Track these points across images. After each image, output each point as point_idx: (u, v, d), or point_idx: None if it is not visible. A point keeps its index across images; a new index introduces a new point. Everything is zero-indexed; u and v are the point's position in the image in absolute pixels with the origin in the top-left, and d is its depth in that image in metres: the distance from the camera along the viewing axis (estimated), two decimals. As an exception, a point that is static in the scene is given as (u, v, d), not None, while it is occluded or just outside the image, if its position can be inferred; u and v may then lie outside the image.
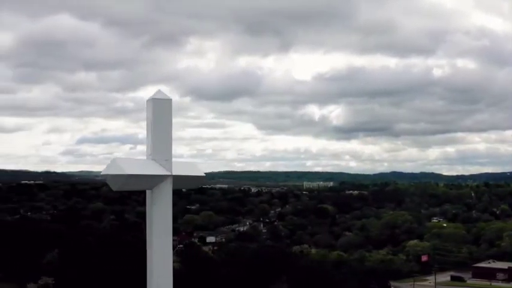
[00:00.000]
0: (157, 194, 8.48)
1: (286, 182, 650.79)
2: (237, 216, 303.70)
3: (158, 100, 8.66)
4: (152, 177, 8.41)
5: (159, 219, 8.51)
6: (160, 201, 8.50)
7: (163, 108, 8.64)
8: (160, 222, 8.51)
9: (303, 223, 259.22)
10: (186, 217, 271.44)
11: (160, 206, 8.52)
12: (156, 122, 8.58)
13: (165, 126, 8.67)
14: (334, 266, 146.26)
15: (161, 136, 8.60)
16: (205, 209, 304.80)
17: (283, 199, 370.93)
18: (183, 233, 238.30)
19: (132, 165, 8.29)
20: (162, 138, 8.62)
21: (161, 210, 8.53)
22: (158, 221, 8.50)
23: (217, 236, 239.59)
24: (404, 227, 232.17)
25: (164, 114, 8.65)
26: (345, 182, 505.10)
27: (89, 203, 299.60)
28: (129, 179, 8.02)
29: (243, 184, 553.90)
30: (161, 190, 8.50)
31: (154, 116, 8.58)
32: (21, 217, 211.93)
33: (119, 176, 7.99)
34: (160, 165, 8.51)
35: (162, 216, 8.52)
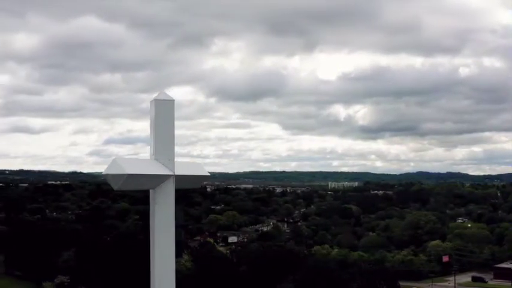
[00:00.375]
0: (160, 194, 8.62)
1: (312, 182, 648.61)
2: (261, 216, 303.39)
3: (161, 101, 8.79)
4: (154, 176, 8.56)
5: (162, 218, 8.66)
6: (163, 201, 8.63)
7: (166, 109, 8.76)
8: (163, 221, 8.64)
9: (326, 223, 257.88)
10: (210, 217, 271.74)
11: (163, 205, 8.65)
12: (159, 123, 8.68)
13: (167, 127, 8.77)
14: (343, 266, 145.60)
15: (164, 136, 8.70)
16: (230, 209, 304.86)
17: (307, 199, 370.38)
18: (206, 233, 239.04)
19: (132, 165, 8.41)
20: (165, 139, 8.72)
21: (164, 209, 8.66)
22: (161, 219, 8.65)
23: (239, 236, 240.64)
24: (428, 227, 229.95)
25: (167, 115, 8.74)
26: (370, 182, 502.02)
27: (113, 203, 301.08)
28: (130, 179, 8.12)
29: (268, 184, 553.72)
30: (164, 189, 8.62)
31: (157, 116, 8.69)
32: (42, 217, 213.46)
33: (119, 176, 8.12)
34: (163, 165, 8.62)
35: (164, 215, 8.65)
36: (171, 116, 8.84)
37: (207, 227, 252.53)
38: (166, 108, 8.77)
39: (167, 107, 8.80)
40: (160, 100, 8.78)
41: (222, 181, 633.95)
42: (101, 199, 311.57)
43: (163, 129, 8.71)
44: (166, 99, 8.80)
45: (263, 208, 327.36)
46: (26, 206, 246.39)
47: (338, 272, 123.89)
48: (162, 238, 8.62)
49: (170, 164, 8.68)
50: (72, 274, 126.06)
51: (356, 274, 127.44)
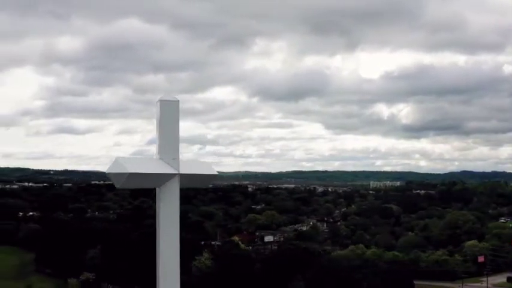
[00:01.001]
0: (164, 192, 8.84)
1: (354, 181, 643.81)
2: (301, 216, 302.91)
3: (166, 101, 8.95)
4: (157, 175, 8.75)
5: (167, 216, 8.89)
6: (167, 199, 8.86)
7: (170, 109, 8.93)
8: (168, 219, 8.88)
9: (365, 223, 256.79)
10: (249, 217, 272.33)
11: (168, 203, 8.87)
12: (164, 123, 8.86)
13: (172, 127, 8.95)
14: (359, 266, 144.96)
15: (169, 136, 8.87)
16: (270, 208, 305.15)
17: (348, 199, 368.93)
18: (244, 232, 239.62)
19: (134, 164, 8.59)
20: (170, 138, 8.90)
21: (169, 207, 8.90)
22: (165, 217, 8.88)
23: (276, 236, 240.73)
24: (466, 227, 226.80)
25: (172, 115, 8.92)
26: (412, 182, 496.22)
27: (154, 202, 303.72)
28: (131, 177, 8.33)
29: (310, 184, 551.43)
30: (169, 188, 8.84)
31: (162, 116, 8.87)
32: (76, 216, 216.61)
33: (120, 174, 8.33)
34: (167, 164, 8.81)
35: (169, 213, 8.88)
36: (175, 117, 9.00)
37: (245, 226, 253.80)
38: (171, 109, 8.92)
39: (172, 107, 8.95)
40: (165, 101, 8.92)
41: (264, 181, 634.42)
42: (143, 199, 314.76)
43: (168, 129, 8.87)
44: (171, 99, 8.95)
45: (303, 208, 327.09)
46: (68, 205, 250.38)
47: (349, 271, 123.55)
48: (166, 235, 8.86)
49: (175, 163, 8.84)
50: (98, 271, 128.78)
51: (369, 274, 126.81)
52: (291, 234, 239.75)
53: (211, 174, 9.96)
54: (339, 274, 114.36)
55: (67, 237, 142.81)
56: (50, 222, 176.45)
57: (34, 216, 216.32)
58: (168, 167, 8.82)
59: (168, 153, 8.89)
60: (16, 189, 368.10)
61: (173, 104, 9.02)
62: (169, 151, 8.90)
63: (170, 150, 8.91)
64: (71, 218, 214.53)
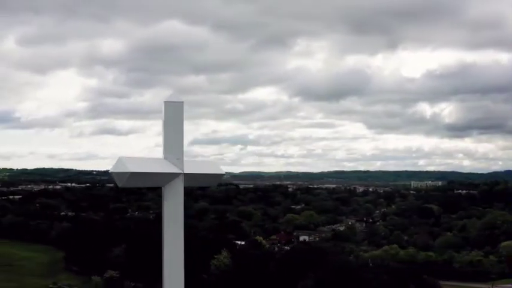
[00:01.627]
0: (169, 191, 9.07)
1: (396, 181, 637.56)
2: (340, 216, 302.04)
3: (170, 103, 9.19)
4: (161, 174, 8.98)
5: (171, 215, 9.12)
6: (172, 198, 9.09)
7: (175, 110, 9.15)
8: (172, 217, 9.11)
9: (404, 223, 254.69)
10: (287, 217, 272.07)
11: (172, 202, 9.11)
12: (169, 124, 9.10)
13: (177, 128, 9.17)
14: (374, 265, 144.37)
15: (173, 136, 9.10)
16: (309, 208, 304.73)
17: (388, 199, 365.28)
18: (281, 232, 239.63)
19: (136, 163, 8.75)
20: (174, 139, 9.13)
21: (173, 205, 9.14)
22: (170, 216, 9.11)
23: (311, 236, 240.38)
24: (504, 227, 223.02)
25: (176, 116, 9.14)
26: (454, 181, 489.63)
27: (195, 202, 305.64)
28: (133, 177, 8.52)
29: (351, 184, 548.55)
30: (173, 187, 9.06)
31: (167, 117, 9.11)
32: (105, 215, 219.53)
33: (122, 174, 8.53)
34: (171, 163, 9.04)
35: (174, 212, 9.12)
36: (180, 117, 9.20)
37: (283, 227, 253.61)
38: (175, 110, 9.13)
39: (176, 108, 9.17)
40: (170, 102, 9.16)
41: (305, 181, 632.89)
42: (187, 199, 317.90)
43: (172, 129, 9.10)
44: (176, 101, 9.21)
45: (343, 208, 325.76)
46: (110, 205, 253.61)
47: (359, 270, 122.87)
48: (171, 232, 9.10)
49: (179, 162, 9.05)
50: (122, 269, 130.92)
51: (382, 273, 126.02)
52: (328, 234, 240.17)
53: (217, 174, 10.18)
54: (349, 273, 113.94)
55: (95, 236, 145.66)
56: (81, 222, 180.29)
57: (68, 215, 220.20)
58: (172, 167, 9.02)
59: (173, 153, 9.09)
60: (59, 190, 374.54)
61: (178, 106, 9.22)
62: (174, 151, 9.11)
63: (175, 150, 9.11)
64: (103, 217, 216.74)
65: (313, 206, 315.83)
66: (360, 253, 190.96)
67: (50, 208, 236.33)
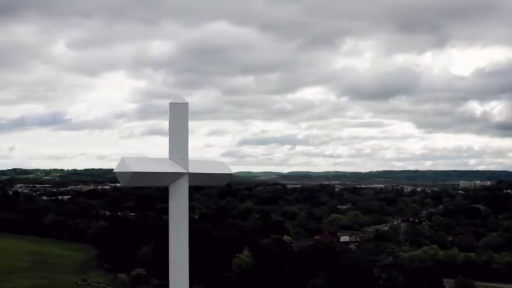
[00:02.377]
0: (174, 190, 9.34)
1: (446, 181, 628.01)
2: (386, 216, 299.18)
3: (175, 104, 9.48)
4: (165, 174, 9.24)
5: (176, 213, 9.39)
6: (177, 197, 9.35)
7: (180, 111, 9.43)
8: (177, 216, 9.37)
9: (449, 223, 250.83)
10: (331, 217, 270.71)
11: (177, 201, 9.37)
12: (174, 125, 9.37)
13: (181, 128, 9.42)
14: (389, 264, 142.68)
15: (178, 137, 9.35)
16: (355, 208, 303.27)
17: (436, 199, 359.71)
18: (325, 232, 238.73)
19: (139, 163, 8.99)
20: (179, 139, 9.38)
21: (178, 204, 9.39)
22: (175, 214, 9.39)
23: (352, 236, 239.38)
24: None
25: (181, 118, 9.40)
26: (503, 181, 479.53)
27: (241, 202, 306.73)
28: (135, 176, 8.77)
29: (400, 184, 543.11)
30: (178, 186, 9.33)
31: (172, 119, 9.40)
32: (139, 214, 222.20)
33: (125, 173, 8.80)
34: (176, 163, 9.32)
35: (179, 210, 9.37)
36: (184, 118, 9.45)
37: (327, 227, 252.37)
38: (180, 111, 9.39)
39: (181, 109, 9.44)
40: (175, 104, 9.43)
41: (353, 181, 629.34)
42: (229, 198, 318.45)
43: (177, 130, 9.34)
44: (181, 102, 9.49)
45: (389, 208, 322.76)
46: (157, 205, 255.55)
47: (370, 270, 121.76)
48: (176, 231, 9.35)
49: (184, 162, 9.31)
50: (149, 267, 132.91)
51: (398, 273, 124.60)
52: (371, 234, 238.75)
53: (224, 173, 10.44)
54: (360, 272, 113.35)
55: (126, 234, 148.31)
56: (115, 221, 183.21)
57: (105, 214, 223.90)
58: (177, 167, 9.27)
59: (178, 154, 9.33)
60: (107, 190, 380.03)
61: (182, 107, 9.49)
62: (179, 151, 9.35)
63: (180, 150, 9.35)
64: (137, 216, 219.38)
65: (359, 206, 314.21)
66: (400, 253, 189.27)
67: (91, 208, 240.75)
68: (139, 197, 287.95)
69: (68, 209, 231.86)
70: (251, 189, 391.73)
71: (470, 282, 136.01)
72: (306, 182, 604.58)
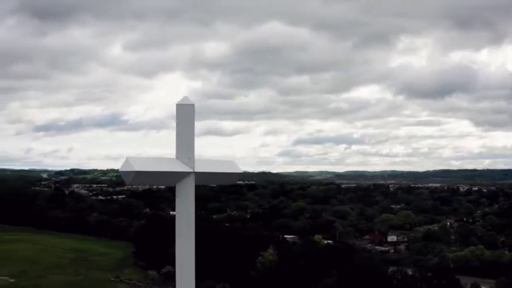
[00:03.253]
0: (180, 189, 9.51)
1: (504, 180, 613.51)
2: (439, 215, 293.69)
3: (182, 105, 9.69)
4: (170, 173, 9.43)
5: (183, 211, 9.54)
6: (183, 195, 9.50)
7: (186, 112, 9.61)
8: (184, 214, 9.54)
9: (503, 223, 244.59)
10: (381, 216, 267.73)
11: (183, 199, 9.51)
12: (180, 125, 9.54)
13: (188, 129, 9.59)
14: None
15: (184, 137, 9.53)
16: (408, 208, 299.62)
17: (491, 198, 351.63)
18: (375, 232, 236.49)
19: (143, 163, 9.15)
20: (185, 139, 9.54)
21: (184, 202, 9.53)
22: (181, 212, 9.54)
23: (400, 236, 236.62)
24: None
25: (187, 118, 9.57)
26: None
27: (293, 202, 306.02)
28: (138, 175, 8.96)
29: (457, 183, 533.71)
30: (184, 185, 9.49)
31: (178, 119, 9.59)
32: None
33: (129, 173, 9.02)
34: (182, 163, 9.53)
35: (185, 209, 9.52)
36: (191, 119, 9.62)
37: (378, 226, 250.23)
38: (187, 112, 9.56)
39: (187, 110, 9.62)
40: (181, 105, 9.63)
41: (410, 180, 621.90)
42: (282, 198, 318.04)
43: (184, 130, 9.51)
44: (187, 103, 9.70)
45: (443, 207, 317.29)
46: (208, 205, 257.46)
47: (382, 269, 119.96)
48: (182, 229, 9.54)
49: (190, 162, 9.51)
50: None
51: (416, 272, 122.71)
52: (420, 234, 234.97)
53: (232, 172, 10.59)
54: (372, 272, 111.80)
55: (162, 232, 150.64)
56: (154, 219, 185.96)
57: (147, 213, 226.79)
58: (183, 166, 9.42)
59: (184, 153, 9.51)
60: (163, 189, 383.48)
61: (189, 108, 9.69)
62: (185, 151, 9.51)
63: (186, 150, 9.52)
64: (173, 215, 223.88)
65: (413, 205, 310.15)
66: (446, 254, 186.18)
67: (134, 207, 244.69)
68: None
69: (113, 208, 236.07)
70: (304, 188, 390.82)
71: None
72: (361, 181, 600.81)
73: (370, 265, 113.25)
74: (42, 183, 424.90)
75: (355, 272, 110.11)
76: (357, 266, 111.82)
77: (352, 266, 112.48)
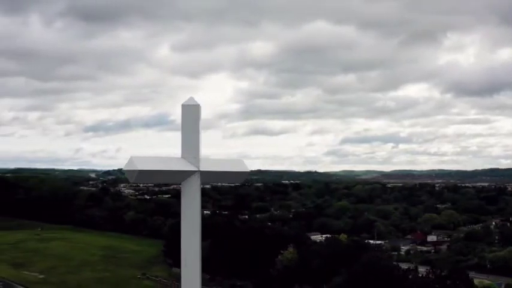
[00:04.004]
0: (186, 187, 9.67)
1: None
2: (485, 215, 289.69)
3: (187, 106, 9.89)
4: (174, 172, 9.63)
5: (188, 209, 9.68)
6: (188, 193, 9.66)
7: (192, 113, 9.78)
8: (189, 212, 9.67)
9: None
10: (424, 216, 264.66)
11: (189, 197, 9.66)
12: (186, 125, 9.75)
13: (193, 129, 9.76)
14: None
15: (190, 137, 9.69)
16: (453, 207, 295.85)
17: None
18: (418, 232, 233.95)
19: (146, 162, 9.27)
20: (191, 139, 9.71)
21: (190, 201, 9.68)
22: (187, 210, 9.69)
23: (440, 236, 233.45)
24: None
25: (192, 119, 9.73)
26: None
27: (338, 201, 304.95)
28: (142, 174, 9.10)
29: (506, 182, 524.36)
30: (189, 183, 9.64)
31: (184, 120, 9.81)
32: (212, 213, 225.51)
33: (132, 171, 9.16)
34: (187, 162, 9.72)
35: (190, 207, 9.65)
36: (196, 119, 9.78)
37: (421, 226, 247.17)
38: (192, 112, 9.74)
39: (193, 111, 9.81)
40: (187, 105, 9.83)
41: (458, 179, 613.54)
42: (327, 197, 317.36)
43: (189, 130, 9.67)
44: (193, 104, 9.91)
45: (488, 207, 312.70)
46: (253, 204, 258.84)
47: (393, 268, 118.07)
48: (188, 226, 9.68)
49: (195, 161, 9.71)
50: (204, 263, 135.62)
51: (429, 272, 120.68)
52: (462, 234, 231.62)
53: (239, 171, 10.69)
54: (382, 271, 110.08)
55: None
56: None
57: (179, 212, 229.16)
58: (188, 165, 9.58)
59: (190, 153, 9.69)
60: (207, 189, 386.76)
61: (194, 108, 9.89)
62: (191, 150, 9.68)
63: (191, 149, 9.69)
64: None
65: (458, 205, 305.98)
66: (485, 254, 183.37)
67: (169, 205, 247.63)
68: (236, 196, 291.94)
69: (149, 207, 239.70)
70: (349, 188, 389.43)
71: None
72: (408, 180, 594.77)
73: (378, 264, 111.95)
74: (90, 182, 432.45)
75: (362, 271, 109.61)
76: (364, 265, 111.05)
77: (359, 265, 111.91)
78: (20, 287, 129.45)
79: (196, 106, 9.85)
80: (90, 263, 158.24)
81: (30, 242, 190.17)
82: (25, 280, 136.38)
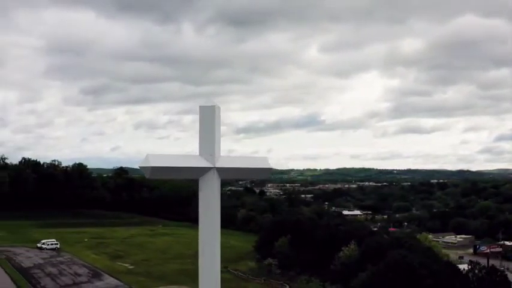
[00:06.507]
0: (203, 183, 10.05)
1: None
2: None
3: (204, 107, 10.29)
4: (189, 168, 10.04)
5: (205, 205, 10.05)
6: (205, 189, 10.03)
7: (209, 113, 10.15)
8: (207, 208, 10.06)
9: None
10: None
11: (206, 193, 10.03)
12: (203, 125, 10.11)
13: (210, 128, 10.12)
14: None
15: (207, 136, 10.07)
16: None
17: None
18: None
19: (161, 159, 9.65)
20: (208, 138, 10.09)
21: (207, 197, 10.06)
22: (205, 205, 10.05)
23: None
24: None
25: (210, 119, 10.08)
26: None
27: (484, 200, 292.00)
28: (155, 171, 9.48)
29: None
30: (207, 179, 10.03)
31: (201, 120, 10.16)
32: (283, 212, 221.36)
33: (146, 168, 9.50)
34: (203, 159, 10.14)
35: (207, 203, 10.04)
36: (212, 119, 10.16)
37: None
38: (209, 113, 10.15)
39: (210, 112, 10.18)
40: (204, 106, 10.22)
41: None
42: (472, 197, 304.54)
43: (206, 130, 10.05)
44: (209, 105, 10.22)
45: None
46: (393, 204, 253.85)
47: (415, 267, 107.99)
48: (206, 221, 10.06)
49: (211, 158, 10.06)
50: (281, 258, 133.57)
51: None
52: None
53: (258, 168, 10.99)
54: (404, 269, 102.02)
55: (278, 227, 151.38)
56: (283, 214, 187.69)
57: (283, 210, 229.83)
58: (203, 162, 9.97)
59: (207, 150, 10.08)
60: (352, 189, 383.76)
61: (211, 109, 10.29)
62: (208, 148, 10.07)
63: (208, 147, 10.07)
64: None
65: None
66: None
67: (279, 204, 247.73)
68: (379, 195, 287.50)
69: (261, 205, 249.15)
70: (497, 187, 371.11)
71: None
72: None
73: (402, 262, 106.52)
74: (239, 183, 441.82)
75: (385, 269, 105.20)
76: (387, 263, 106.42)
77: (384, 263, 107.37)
78: (107, 275, 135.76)
79: (211, 107, 10.16)
80: (184, 256, 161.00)
81: (140, 237, 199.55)
82: (115, 270, 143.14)
